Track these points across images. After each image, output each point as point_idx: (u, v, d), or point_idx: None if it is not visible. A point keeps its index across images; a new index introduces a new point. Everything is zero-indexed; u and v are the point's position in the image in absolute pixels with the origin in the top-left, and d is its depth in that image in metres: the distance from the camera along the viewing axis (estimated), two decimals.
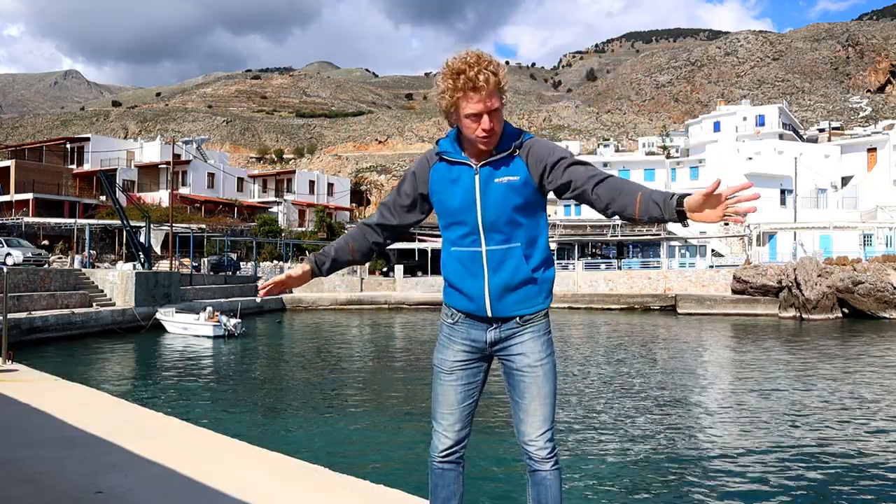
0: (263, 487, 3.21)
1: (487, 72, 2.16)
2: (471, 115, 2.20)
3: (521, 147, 2.30)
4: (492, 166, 2.28)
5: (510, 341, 2.37)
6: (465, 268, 2.34)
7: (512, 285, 2.31)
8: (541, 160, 2.28)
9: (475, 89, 2.15)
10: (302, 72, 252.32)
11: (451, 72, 2.19)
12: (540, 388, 2.35)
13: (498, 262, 2.30)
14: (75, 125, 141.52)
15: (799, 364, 18.12)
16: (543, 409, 2.35)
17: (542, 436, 2.35)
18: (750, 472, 8.65)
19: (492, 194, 2.27)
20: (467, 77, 2.15)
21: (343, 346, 23.24)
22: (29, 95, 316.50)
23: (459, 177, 2.31)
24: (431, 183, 2.38)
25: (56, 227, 42.59)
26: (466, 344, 2.41)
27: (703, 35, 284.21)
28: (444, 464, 2.45)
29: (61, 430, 4.31)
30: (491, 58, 2.21)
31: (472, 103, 2.17)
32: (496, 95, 2.19)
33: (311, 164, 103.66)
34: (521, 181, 2.27)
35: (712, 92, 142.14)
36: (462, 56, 2.20)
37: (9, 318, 9.92)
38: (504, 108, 2.28)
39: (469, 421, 2.47)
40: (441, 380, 2.45)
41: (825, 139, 70.01)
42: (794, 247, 41.55)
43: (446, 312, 2.48)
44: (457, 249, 2.35)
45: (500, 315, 2.34)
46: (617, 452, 9.55)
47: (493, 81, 2.17)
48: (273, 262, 46.86)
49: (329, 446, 9.83)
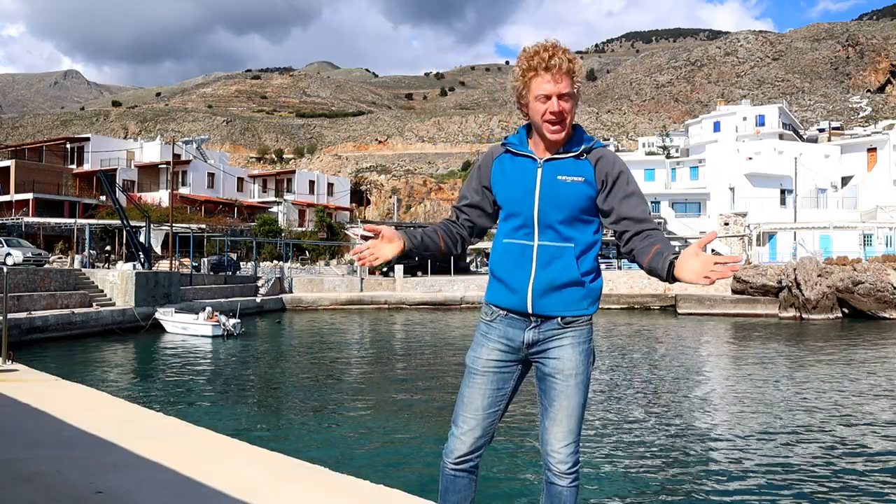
0: (263, 487, 3.21)
1: (562, 57, 2.18)
2: (540, 96, 2.20)
3: (591, 152, 2.28)
4: (557, 163, 2.26)
5: (549, 344, 2.29)
6: (514, 260, 2.28)
7: (557, 283, 2.24)
8: (608, 171, 2.26)
9: (547, 69, 2.17)
10: (302, 72, 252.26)
11: (527, 54, 2.22)
12: (570, 398, 2.27)
13: (548, 258, 2.24)
14: (75, 125, 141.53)
15: (799, 364, 18.12)
16: (570, 421, 2.28)
17: (565, 448, 2.27)
18: (750, 472, 8.64)
19: (553, 190, 2.24)
20: (541, 57, 2.18)
21: (343, 345, 23.23)
22: (29, 95, 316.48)
23: (522, 168, 2.30)
24: (493, 174, 2.37)
25: (56, 227, 42.59)
26: (502, 343, 2.33)
27: (703, 35, 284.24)
28: (457, 471, 2.36)
29: (61, 430, 4.31)
30: (568, 49, 2.23)
31: (543, 82, 2.19)
32: (568, 80, 2.19)
33: (311, 164, 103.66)
34: (585, 184, 2.25)
35: (712, 92, 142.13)
36: (540, 42, 2.24)
37: (9, 318, 9.92)
38: (577, 104, 2.27)
39: (490, 430, 2.36)
40: (470, 380, 2.36)
41: (825, 139, 70.01)
42: (794, 246, 41.54)
43: (485, 311, 2.40)
44: (508, 241, 2.31)
45: (540, 312, 2.26)
46: (617, 454, 9.54)
47: (567, 66, 2.18)
48: (273, 262, 46.85)
49: (329, 446, 9.83)
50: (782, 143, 54.44)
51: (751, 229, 45.63)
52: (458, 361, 18.97)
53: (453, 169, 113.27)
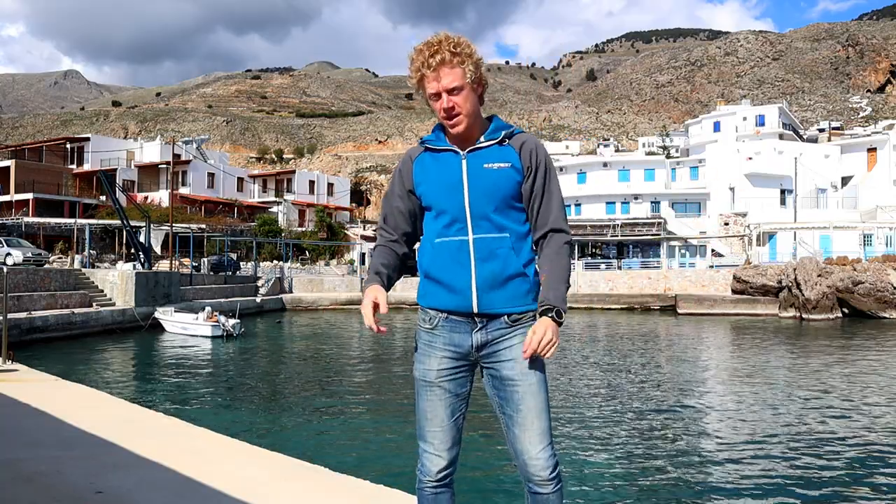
0: (263, 487, 3.21)
1: (445, 51, 2.10)
2: (431, 96, 2.16)
3: (513, 137, 2.22)
4: (481, 152, 2.19)
5: (499, 345, 2.17)
6: (451, 257, 2.17)
7: (501, 278, 2.15)
8: (533, 158, 2.20)
9: (430, 67, 2.11)
10: (302, 72, 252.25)
11: (414, 53, 2.16)
12: (535, 397, 2.15)
13: (486, 251, 2.15)
14: (75, 125, 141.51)
15: (799, 364, 18.12)
16: (540, 422, 2.15)
17: (543, 452, 2.14)
18: (750, 472, 8.64)
19: (481, 180, 2.15)
20: (423, 56, 2.12)
21: (343, 346, 23.23)
22: (29, 95, 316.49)
23: (444, 163, 2.21)
24: (415, 175, 2.26)
25: (56, 227, 42.59)
26: (449, 350, 2.20)
27: (703, 35, 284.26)
28: (438, 488, 2.24)
29: (61, 430, 4.31)
30: (459, 38, 2.14)
31: (430, 82, 2.13)
32: (456, 72, 2.11)
33: (311, 164, 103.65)
34: (513, 169, 2.17)
35: (712, 92, 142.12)
36: (427, 39, 2.17)
37: (9, 318, 9.91)
38: (482, 90, 2.21)
39: (459, 437, 2.26)
40: (428, 394, 2.22)
41: (825, 139, 70.00)
42: (794, 246, 41.54)
43: (423, 317, 2.27)
44: (441, 240, 2.19)
45: (486, 311, 2.15)
46: (618, 456, 9.54)
47: (452, 59, 2.10)
48: (273, 262, 46.85)
49: (329, 446, 9.83)
50: (782, 143, 54.44)
51: (751, 229, 45.63)
52: None
53: None
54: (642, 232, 49.41)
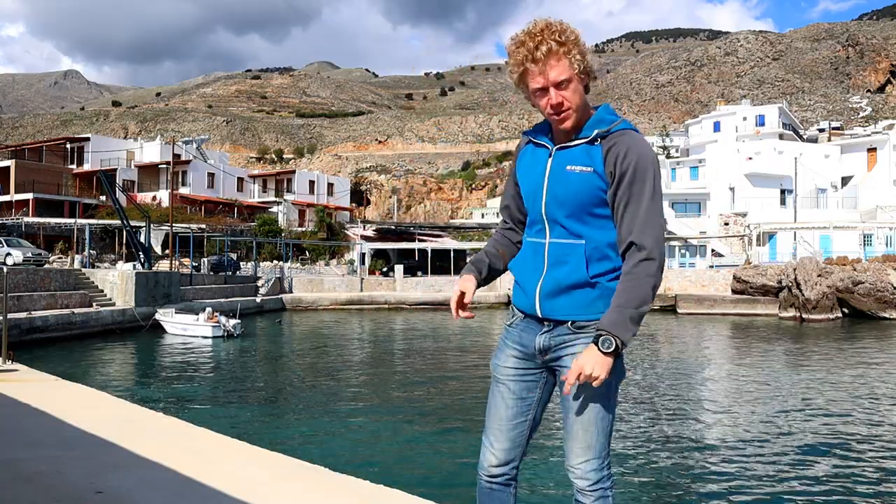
0: (263, 487, 3.21)
1: (550, 41, 1.95)
2: (536, 91, 2.02)
3: (606, 137, 2.02)
4: (567, 151, 2.05)
5: (562, 351, 2.10)
6: (528, 260, 2.15)
7: (565, 285, 2.05)
8: (618, 162, 1.99)
9: (534, 61, 1.96)
10: (302, 72, 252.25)
11: (514, 44, 2.01)
12: (585, 408, 2.05)
13: (558, 257, 2.06)
14: (75, 125, 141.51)
15: (799, 364, 18.12)
16: (587, 435, 2.05)
17: (584, 464, 2.06)
18: (750, 472, 8.64)
19: (560, 182, 2.04)
20: (526, 49, 1.97)
21: (343, 346, 23.23)
22: (29, 95, 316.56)
23: (536, 159, 2.12)
24: (518, 167, 2.20)
25: (56, 227, 42.59)
26: (517, 349, 2.18)
27: (703, 35, 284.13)
28: (493, 484, 2.20)
29: (61, 430, 4.31)
30: (563, 25, 1.99)
31: (534, 76, 1.99)
32: (563, 64, 1.96)
33: (311, 164, 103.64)
34: (595, 175, 2.01)
35: (712, 92, 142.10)
36: (528, 26, 2.02)
37: (9, 318, 9.91)
38: (589, 80, 2.06)
39: (521, 441, 2.19)
40: (494, 389, 2.23)
41: (825, 139, 69.98)
42: (794, 246, 41.54)
43: (508, 313, 2.29)
44: (528, 240, 2.17)
45: (549, 316, 2.09)
46: (618, 456, 9.54)
47: (558, 50, 1.95)
48: (273, 262, 46.85)
49: (329, 446, 9.83)
50: (782, 143, 54.44)
51: (751, 229, 45.64)
52: (458, 362, 18.97)
53: (453, 169, 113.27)
54: None
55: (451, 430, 10.64)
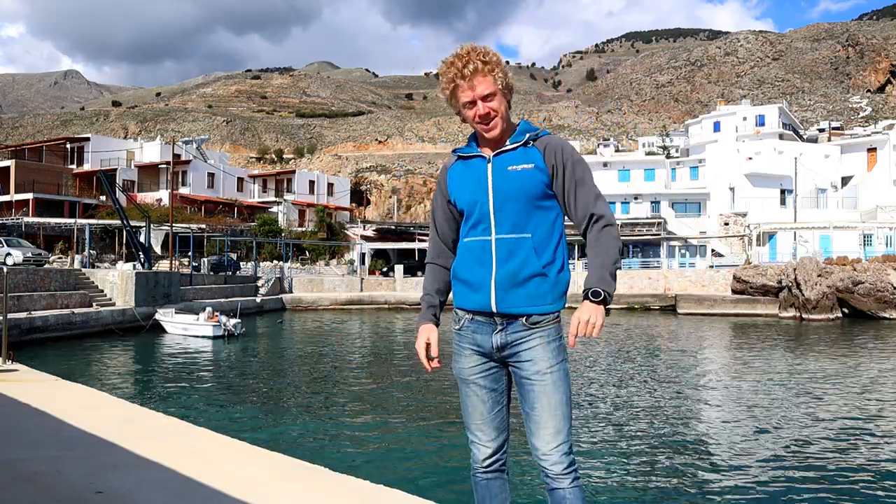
0: (263, 487, 3.21)
1: (476, 60, 2.22)
2: (466, 104, 2.27)
3: (538, 140, 2.30)
4: (505, 155, 2.29)
5: (518, 346, 2.26)
6: (474, 257, 2.28)
7: (520, 278, 2.22)
8: (557, 156, 2.27)
9: (464, 77, 2.22)
10: (302, 72, 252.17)
11: (445, 65, 2.27)
12: (550, 397, 2.22)
13: (507, 251, 2.23)
14: (75, 125, 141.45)
15: (799, 364, 18.12)
16: (555, 421, 2.22)
17: (556, 450, 2.22)
18: (749, 472, 8.64)
19: (505, 181, 2.25)
20: (456, 68, 2.23)
21: (343, 346, 23.23)
22: (29, 95, 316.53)
23: (473, 168, 2.32)
24: (449, 184, 2.39)
25: (56, 227, 42.59)
26: (474, 349, 2.34)
27: (703, 35, 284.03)
28: (489, 474, 2.36)
29: (61, 430, 4.31)
30: (486, 49, 2.26)
31: (464, 91, 2.24)
32: (488, 80, 2.23)
33: (311, 164, 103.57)
34: (536, 170, 2.25)
35: (712, 92, 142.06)
36: (457, 50, 2.28)
37: (9, 318, 9.92)
38: (510, 95, 2.32)
39: (505, 426, 2.37)
40: (465, 390, 2.38)
41: (825, 139, 69.97)
42: (794, 246, 41.55)
43: (453, 318, 2.41)
44: (468, 240, 2.31)
45: (505, 311, 2.23)
46: (616, 455, 9.54)
47: (483, 68, 2.22)
48: (273, 262, 46.85)
49: (329, 446, 9.83)
50: (782, 143, 54.45)
51: (751, 229, 45.65)
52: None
53: None
54: (642, 232, 49.41)
55: (452, 430, 10.64)
